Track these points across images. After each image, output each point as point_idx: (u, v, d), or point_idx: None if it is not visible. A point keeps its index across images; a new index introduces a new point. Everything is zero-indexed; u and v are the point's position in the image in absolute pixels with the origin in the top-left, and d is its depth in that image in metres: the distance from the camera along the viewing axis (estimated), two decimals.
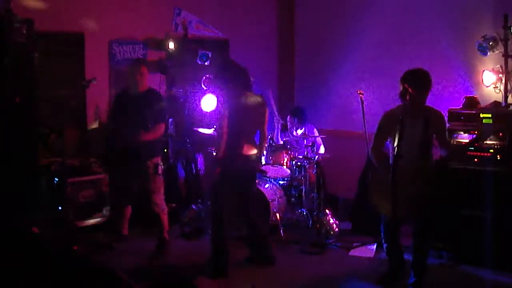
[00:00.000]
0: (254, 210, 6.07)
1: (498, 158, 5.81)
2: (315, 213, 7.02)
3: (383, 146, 5.29)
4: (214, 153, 7.46)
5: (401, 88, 5.03)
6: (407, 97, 4.98)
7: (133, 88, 6.25)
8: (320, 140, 7.79)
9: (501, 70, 6.33)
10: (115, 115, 6.43)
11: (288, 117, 7.81)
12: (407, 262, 5.36)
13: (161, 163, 6.31)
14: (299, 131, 7.71)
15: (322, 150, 7.75)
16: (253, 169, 6.02)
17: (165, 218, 6.36)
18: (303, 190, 7.20)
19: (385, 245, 5.46)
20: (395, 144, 4.68)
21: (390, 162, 5.08)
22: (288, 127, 7.81)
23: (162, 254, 6.30)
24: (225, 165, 5.74)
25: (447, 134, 5.49)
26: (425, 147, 5.05)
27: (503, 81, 6.32)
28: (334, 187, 8.16)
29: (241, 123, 5.72)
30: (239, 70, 5.82)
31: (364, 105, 6.91)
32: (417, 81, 5.01)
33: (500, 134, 5.84)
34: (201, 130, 7.51)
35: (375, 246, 6.52)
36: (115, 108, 6.51)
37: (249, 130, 5.87)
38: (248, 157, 5.79)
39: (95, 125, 7.29)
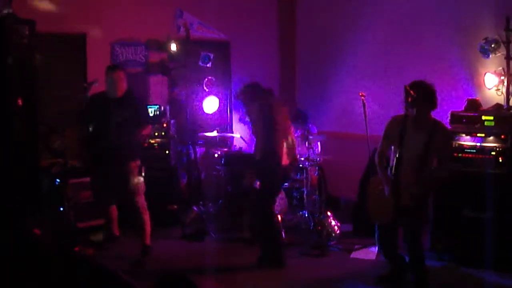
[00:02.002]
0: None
1: (500, 161, 5.81)
2: (316, 215, 7.01)
3: (387, 151, 5.23)
4: (216, 155, 7.54)
5: (407, 97, 4.92)
6: (412, 106, 4.91)
7: (111, 92, 6.07)
8: (317, 140, 7.70)
9: (503, 73, 6.33)
10: (92, 117, 6.23)
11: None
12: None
13: (143, 166, 6.19)
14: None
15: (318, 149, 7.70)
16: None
17: (147, 222, 6.23)
18: (305, 192, 7.19)
19: (381, 250, 5.49)
20: (396, 153, 4.71)
21: (388, 170, 5.12)
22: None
23: (144, 261, 6.14)
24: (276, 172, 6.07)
25: (448, 154, 5.31)
26: (423, 161, 4.94)
27: (505, 83, 6.32)
28: (336, 189, 8.15)
29: (280, 129, 6.01)
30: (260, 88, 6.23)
31: (365, 107, 6.90)
32: (422, 96, 4.92)
33: (502, 136, 5.84)
34: (206, 134, 7.51)
35: (376, 248, 6.50)
36: (90, 110, 6.29)
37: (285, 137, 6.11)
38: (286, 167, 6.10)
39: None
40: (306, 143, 7.26)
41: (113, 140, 5.97)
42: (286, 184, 6.98)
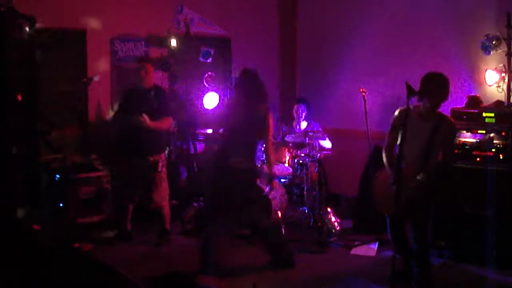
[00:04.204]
0: (257, 216, 5.92)
1: (501, 157, 5.81)
2: (316, 212, 7.01)
3: (395, 144, 5.15)
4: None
5: (420, 88, 4.91)
6: (422, 97, 4.90)
7: (139, 85, 6.39)
8: (324, 135, 7.67)
9: (504, 69, 6.32)
10: (123, 110, 6.46)
11: (295, 106, 7.83)
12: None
13: (163, 160, 6.39)
14: (303, 124, 7.70)
15: (328, 144, 7.67)
16: (242, 181, 5.62)
17: (166, 211, 6.52)
18: (305, 188, 7.18)
19: (393, 243, 5.43)
20: (398, 143, 4.68)
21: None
22: (295, 117, 7.80)
23: (164, 242, 6.50)
24: (214, 172, 5.71)
25: (452, 148, 5.28)
26: (427, 153, 4.93)
27: (506, 80, 6.31)
28: (336, 185, 8.15)
29: (231, 133, 5.65)
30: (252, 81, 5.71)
31: (366, 104, 6.89)
32: (431, 86, 4.92)
33: (503, 133, 5.84)
34: (206, 130, 7.51)
35: (376, 244, 6.51)
36: (123, 104, 6.54)
37: (242, 141, 5.60)
38: (236, 169, 5.52)
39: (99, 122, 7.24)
40: (307, 139, 7.26)
41: (137, 132, 6.16)
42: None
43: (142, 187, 6.39)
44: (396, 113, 5.20)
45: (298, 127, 7.87)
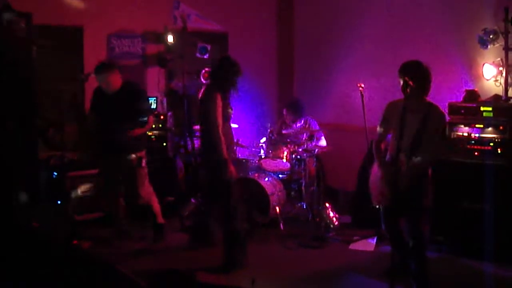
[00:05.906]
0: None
1: (499, 152, 5.81)
2: (315, 207, 7.01)
3: (385, 137, 5.16)
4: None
5: (401, 81, 4.89)
6: (408, 90, 4.86)
7: (106, 90, 6.09)
8: (321, 133, 7.72)
9: (501, 63, 6.32)
10: (95, 108, 6.29)
11: (284, 110, 7.79)
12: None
13: (145, 156, 6.28)
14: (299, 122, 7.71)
15: (323, 142, 7.69)
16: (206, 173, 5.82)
17: (155, 206, 6.41)
18: (303, 184, 7.19)
19: (388, 236, 5.42)
20: (396, 137, 4.65)
21: (387, 156, 5.07)
22: (287, 121, 7.78)
23: (160, 237, 6.44)
24: None
25: (441, 137, 5.05)
26: (419, 144, 4.85)
27: (504, 74, 6.31)
28: (334, 180, 8.15)
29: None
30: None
31: (364, 99, 6.89)
32: (416, 73, 4.86)
33: (501, 127, 5.84)
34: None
35: (375, 239, 6.51)
36: (95, 102, 6.31)
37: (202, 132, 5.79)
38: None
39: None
40: (304, 135, 7.25)
41: (111, 133, 6.03)
42: None
43: (125, 183, 6.30)
44: (387, 105, 5.18)
45: (295, 125, 7.84)
